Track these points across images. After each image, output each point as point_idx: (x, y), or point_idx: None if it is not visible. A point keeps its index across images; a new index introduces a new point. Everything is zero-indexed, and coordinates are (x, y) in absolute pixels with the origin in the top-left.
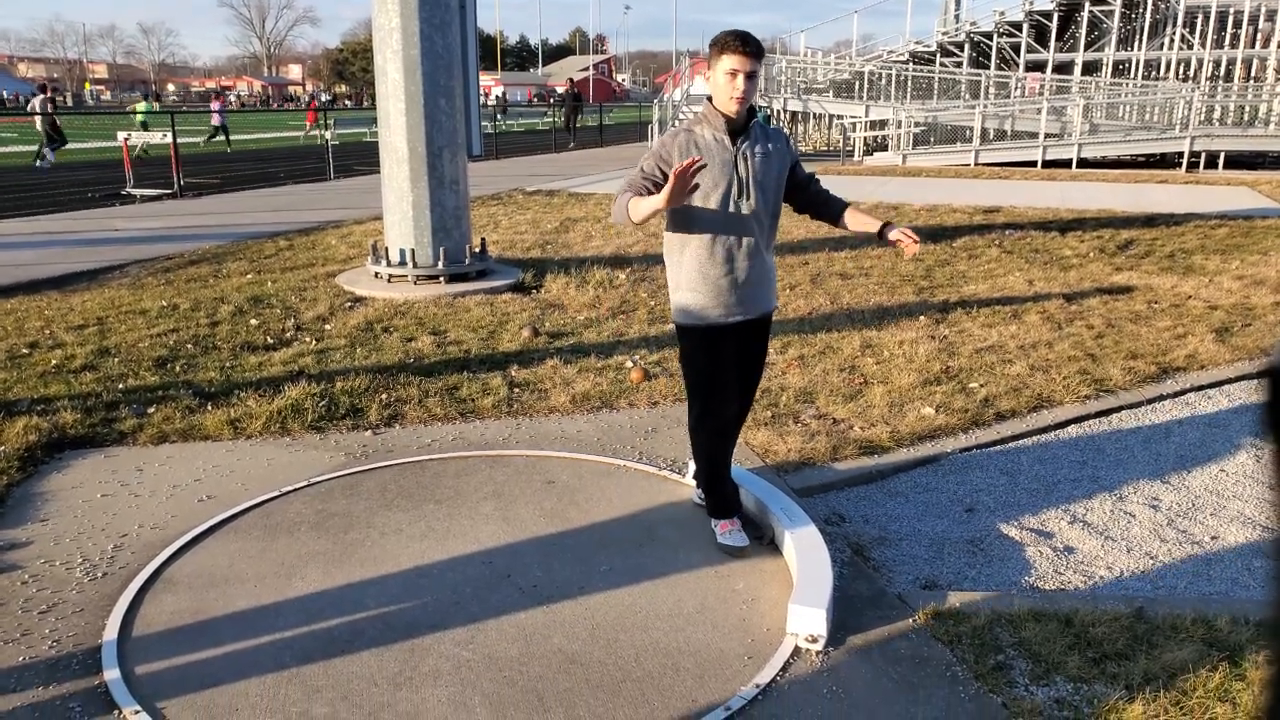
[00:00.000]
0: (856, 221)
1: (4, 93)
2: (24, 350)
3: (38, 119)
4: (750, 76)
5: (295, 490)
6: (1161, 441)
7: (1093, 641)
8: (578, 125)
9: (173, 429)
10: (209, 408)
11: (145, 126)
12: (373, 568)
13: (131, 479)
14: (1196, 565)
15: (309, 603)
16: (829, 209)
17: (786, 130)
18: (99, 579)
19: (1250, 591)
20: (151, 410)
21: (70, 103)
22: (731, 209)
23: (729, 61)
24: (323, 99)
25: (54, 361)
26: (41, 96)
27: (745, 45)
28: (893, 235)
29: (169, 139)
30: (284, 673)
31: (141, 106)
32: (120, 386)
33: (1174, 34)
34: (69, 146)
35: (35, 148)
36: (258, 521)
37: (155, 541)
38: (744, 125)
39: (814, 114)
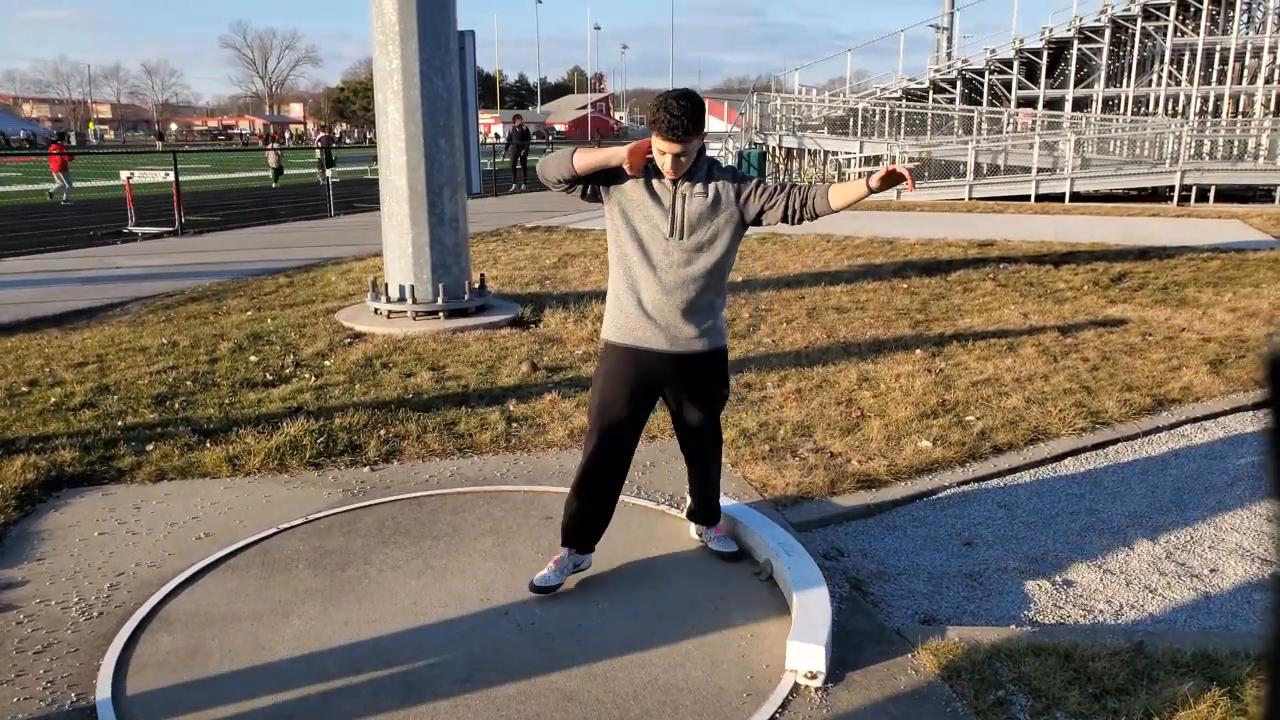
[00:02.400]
0: (844, 197)
1: (21, 133)
2: (23, 388)
3: (317, 151)
4: (680, 156)
5: (293, 527)
6: (1158, 474)
7: (1093, 676)
8: (526, 166)
9: (171, 466)
10: (208, 445)
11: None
12: (370, 605)
13: (129, 517)
14: (1196, 598)
15: (306, 641)
16: (812, 205)
17: (741, 165)
18: (95, 618)
19: (1250, 625)
20: (150, 448)
21: (75, 142)
22: (664, 243)
23: (659, 144)
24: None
25: (53, 399)
26: (323, 134)
27: (673, 133)
28: (875, 184)
29: (170, 176)
30: (280, 712)
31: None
32: (119, 424)
33: (1161, 71)
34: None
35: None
36: (255, 559)
37: (152, 580)
38: (705, 170)
39: (809, 150)
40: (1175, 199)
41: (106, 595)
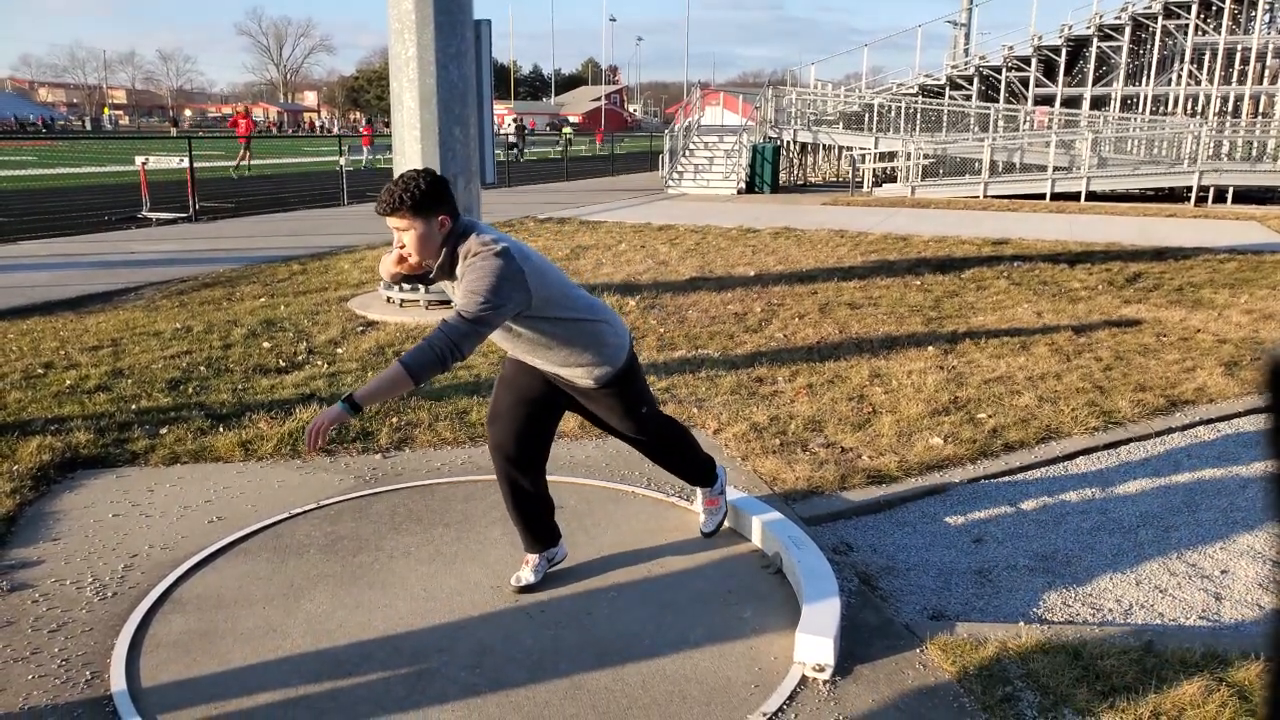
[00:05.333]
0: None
1: (30, 116)
2: (39, 370)
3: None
4: (405, 234)
5: (305, 512)
6: (1170, 474)
7: (1102, 674)
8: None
9: (184, 450)
10: (220, 429)
11: (569, 143)
12: (381, 590)
13: (143, 499)
14: (1206, 599)
15: (317, 625)
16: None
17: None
18: (109, 598)
19: (1260, 626)
20: (163, 431)
21: (89, 127)
22: None
23: (387, 223)
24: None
25: (68, 382)
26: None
27: (379, 205)
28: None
29: (184, 163)
30: (291, 695)
31: (567, 130)
32: (133, 407)
33: (1181, 70)
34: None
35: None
36: (267, 543)
37: (165, 562)
38: (448, 265)
39: (824, 145)
40: (1193, 199)
41: (120, 576)
